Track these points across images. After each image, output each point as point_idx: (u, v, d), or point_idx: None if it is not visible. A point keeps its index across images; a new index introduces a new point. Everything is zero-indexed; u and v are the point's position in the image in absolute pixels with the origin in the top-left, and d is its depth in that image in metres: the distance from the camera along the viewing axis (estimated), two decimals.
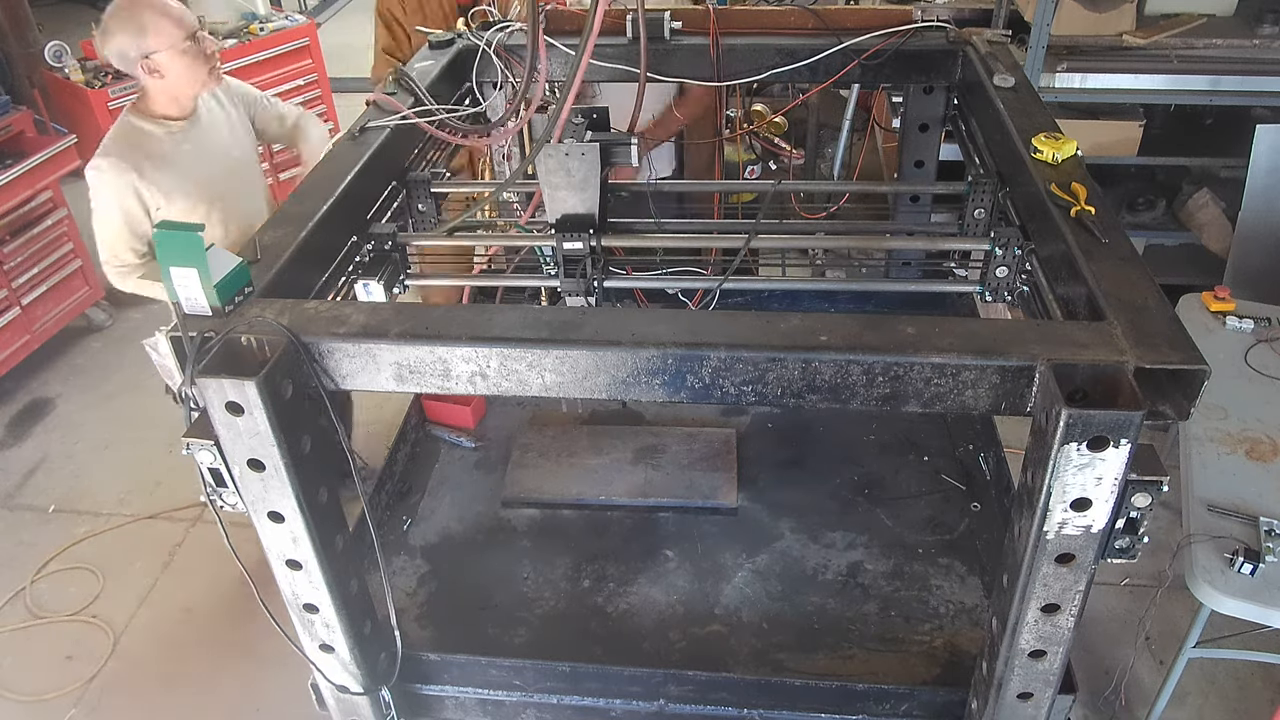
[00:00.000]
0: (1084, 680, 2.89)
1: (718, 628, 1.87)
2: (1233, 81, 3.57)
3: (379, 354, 1.24)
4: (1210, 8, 3.80)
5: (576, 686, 1.73)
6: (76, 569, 3.54)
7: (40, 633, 3.30)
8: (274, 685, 2.98)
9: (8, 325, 4.32)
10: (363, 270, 1.72)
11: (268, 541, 1.35)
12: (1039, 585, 1.24)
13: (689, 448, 2.25)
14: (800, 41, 2.20)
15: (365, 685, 1.56)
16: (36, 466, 4.07)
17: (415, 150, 2.03)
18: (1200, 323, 2.97)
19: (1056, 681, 1.38)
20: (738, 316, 1.29)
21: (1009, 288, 1.67)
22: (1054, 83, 3.60)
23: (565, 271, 1.74)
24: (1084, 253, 1.37)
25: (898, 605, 1.90)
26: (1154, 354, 1.14)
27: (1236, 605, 2.16)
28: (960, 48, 2.15)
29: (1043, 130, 1.68)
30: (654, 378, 1.22)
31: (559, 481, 2.17)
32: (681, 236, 2.06)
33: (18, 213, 4.29)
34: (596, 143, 1.68)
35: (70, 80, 4.77)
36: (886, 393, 1.20)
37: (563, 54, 2.18)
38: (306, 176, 1.73)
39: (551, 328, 1.24)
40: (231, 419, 1.19)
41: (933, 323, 1.21)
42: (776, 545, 2.04)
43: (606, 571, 1.99)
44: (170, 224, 1.23)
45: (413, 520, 2.13)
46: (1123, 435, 1.07)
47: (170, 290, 1.25)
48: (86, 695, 3.07)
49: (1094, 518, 1.15)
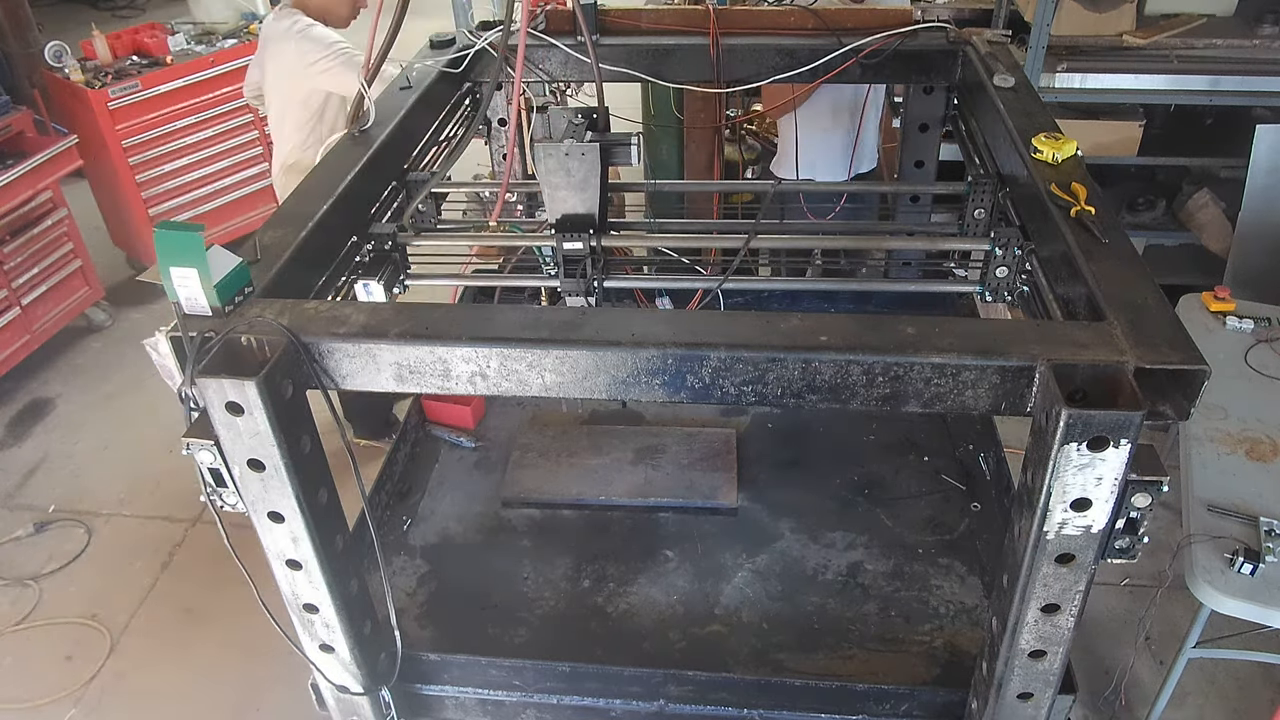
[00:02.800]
0: (1084, 680, 2.89)
1: (718, 628, 1.87)
2: (1233, 81, 3.57)
3: (379, 354, 1.24)
4: (1210, 8, 3.80)
5: (576, 686, 1.73)
6: (76, 569, 3.54)
7: (40, 633, 3.30)
8: (274, 685, 2.99)
9: (8, 325, 4.33)
10: (363, 270, 1.72)
11: (268, 541, 1.34)
12: (1039, 585, 1.24)
13: (689, 448, 2.25)
14: (800, 42, 2.20)
15: (365, 685, 1.56)
16: (36, 466, 4.07)
17: (415, 150, 2.03)
18: (1200, 323, 2.97)
19: (1056, 681, 1.38)
20: (738, 316, 1.29)
21: (1009, 288, 1.68)
22: (1054, 83, 3.60)
23: (565, 271, 1.74)
24: (1084, 253, 1.37)
25: (898, 605, 1.89)
26: (1154, 354, 1.14)
27: (1236, 605, 2.16)
28: (960, 48, 2.15)
29: (1043, 130, 1.68)
30: (654, 378, 1.22)
31: (559, 481, 2.17)
32: (681, 236, 2.07)
33: (18, 213, 4.29)
34: (596, 143, 1.68)
35: (70, 80, 4.77)
36: (886, 393, 1.20)
37: (561, 53, 2.18)
38: (307, 176, 1.73)
39: (551, 328, 1.24)
40: (231, 419, 1.19)
41: (933, 323, 1.21)
42: (776, 545, 2.04)
43: (606, 571, 1.99)
44: (170, 224, 1.23)
45: (413, 520, 2.13)
46: (1123, 435, 1.07)
47: (170, 290, 1.25)
48: (86, 695, 3.07)
49: (1094, 518, 1.15)
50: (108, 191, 5.16)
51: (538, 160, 1.68)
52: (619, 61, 2.23)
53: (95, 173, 5.07)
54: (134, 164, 4.97)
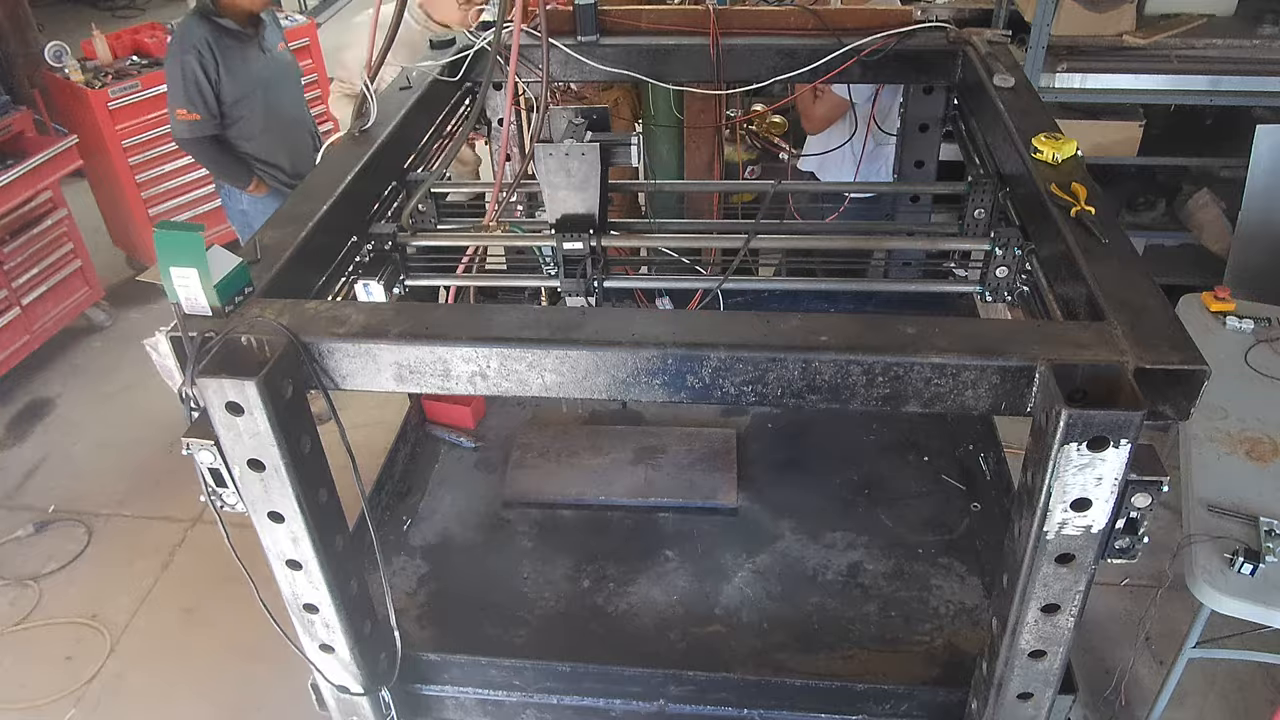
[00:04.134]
0: (1084, 680, 2.89)
1: (718, 628, 1.87)
2: (1233, 81, 3.57)
3: (379, 354, 1.24)
4: (1210, 8, 3.80)
5: (576, 686, 1.73)
6: (76, 569, 3.54)
7: (40, 633, 3.30)
8: (274, 685, 2.99)
9: (8, 325, 4.33)
10: (363, 270, 1.72)
11: (268, 541, 1.34)
12: (1039, 585, 1.24)
13: (689, 448, 2.25)
14: (800, 42, 2.20)
15: (365, 685, 1.56)
16: (36, 466, 4.07)
17: (415, 150, 2.03)
18: (1200, 323, 2.97)
19: (1056, 681, 1.38)
20: (738, 316, 1.29)
21: (1009, 288, 1.68)
22: (1054, 83, 3.60)
23: (565, 271, 1.74)
24: (1084, 253, 1.37)
25: (898, 605, 1.89)
26: (1154, 354, 1.15)
27: (1236, 605, 2.16)
28: (960, 48, 2.15)
29: (1043, 130, 1.68)
30: (654, 378, 1.22)
31: (559, 481, 2.17)
32: (681, 236, 2.07)
33: (18, 213, 4.29)
34: (597, 143, 1.68)
35: (70, 80, 4.77)
36: (886, 393, 1.20)
37: (561, 53, 2.18)
38: (307, 176, 1.73)
39: (551, 328, 1.24)
40: (231, 419, 1.19)
41: (933, 323, 1.21)
42: (776, 545, 2.04)
43: (606, 571, 1.99)
44: (170, 224, 1.23)
45: (413, 520, 2.13)
46: (1123, 435, 1.07)
47: (170, 290, 1.25)
48: (86, 695, 3.07)
49: (1094, 518, 1.15)
50: (108, 191, 5.16)
51: (538, 160, 1.68)
52: (619, 62, 2.23)
53: (95, 173, 5.07)
54: (134, 164, 4.97)
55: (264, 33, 3.72)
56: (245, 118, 3.70)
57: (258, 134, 3.75)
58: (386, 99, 1.99)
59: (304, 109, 4.04)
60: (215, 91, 3.57)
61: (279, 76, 3.81)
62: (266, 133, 3.77)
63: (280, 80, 3.81)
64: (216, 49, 3.52)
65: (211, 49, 3.51)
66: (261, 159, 3.80)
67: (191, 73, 3.50)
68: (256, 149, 3.78)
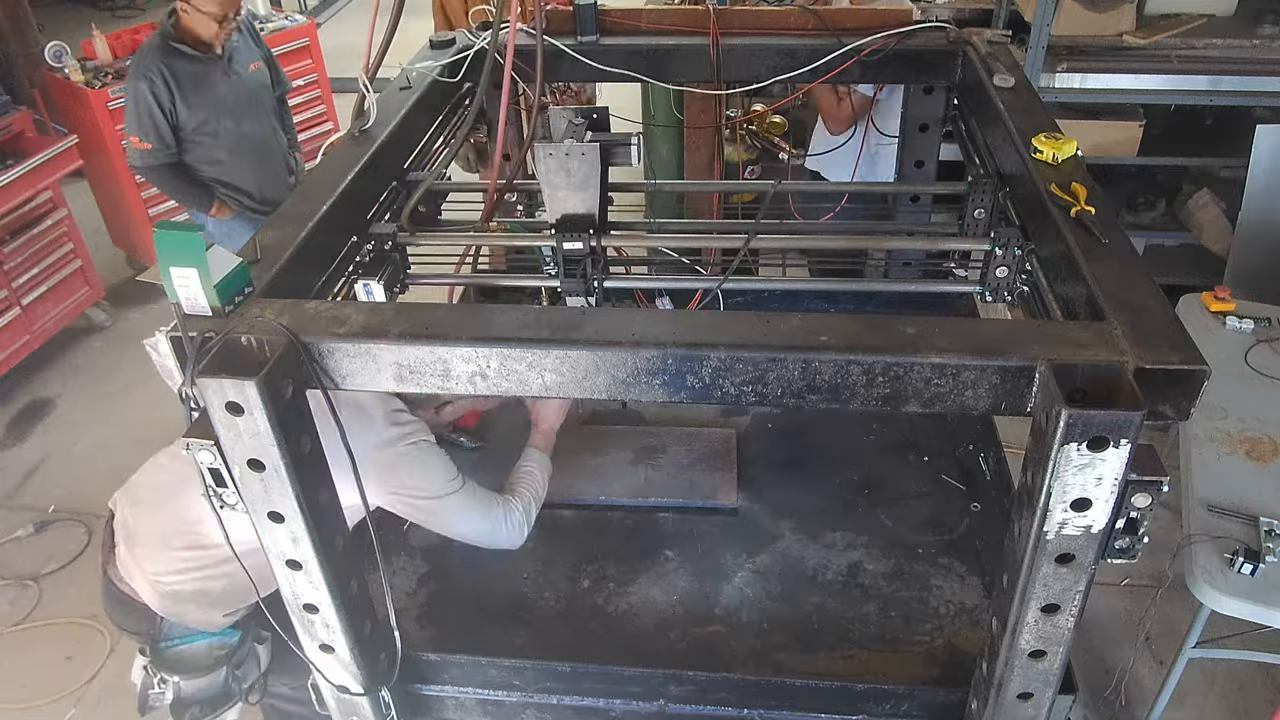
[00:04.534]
0: (1084, 680, 2.89)
1: (718, 628, 1.87)
2: (1233, 81, 3.57)
3: (379, 354, 1.24)
4: (1210, 8, 3.80)
5: (576, 686, 1.73)
6: (76, 569, 3.54)
7: (40, 633, 3.29)
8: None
9: (8, 325, 4.32)
10: (363, 270, 1.72)
11: (268, 541, 1.34)
12: (1039, 585, 1.24)
13: (689, 448, 2.25)
14: (800, 42, 2.20)
15: (365, 686, 1.56)
16: (36, 466, 4.07)
17: (415, 150, 2.03)
18: (1200, 323, 2.96)
19: (1056, 681, 1.38)
20: (738, 316, 1.29)
21: (1009, 288, 1.67)
22: (1054, 83, 3.60)
23: (565, 271, 1.74)
24: (1084, 253, 1.37)
25: (898, 605, 1.89)
26: (1154, 354, 1.15)
27: (1236, 605, 2.16)
28: (960, 48, 2.15)
29: (1043, 130, 1.68)
30: (654, 378, 1.22)
31: (559, 481, 2.17)
32: (681, 236, 2.07)
33: (18, 213, 4.29)
34: (597, 143, 1.68)
35: (70, 80, 4.76)
36: (886, 393, 1.20)
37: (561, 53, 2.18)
38: (307, 176, 1.73)
39: (551, 328, 1.24)
40: (231, 419, 1.19)
41: (933, 323, 1.21)
42: (776, 545, 2.04)
43: (606, 571, 1.99)
44: (170, 224, 1.23)
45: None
46: (1123, 435, 1.07)
47: (170, 290, 1.25)
48: (86, 695, 3.07)
49: (1094, 518, 1.15)
50: (108, 191, 5.16)
51: (538, 160, 1.68)
52: (619, 62, 2.23)
53: (95, 173, 5.06)
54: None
55: (232, 55, 3.61)
56: (206, 143, 3.58)
57: (223, 158, 3.63)
58: (386, 99, 1.99)
59: (275, 132, 3.88)
60: (172, 120, 3.46)
61: (248, 100, 3.68)
62: (233, 155, 3.64)
63: (249, 104, 3.68)
64: (174, 75, 3.42)
65: (165, 76, 3.41)
66: (226, 183, 3.68)
67: (144, 101, 3.40)
68: (221, 173, 3.66)
